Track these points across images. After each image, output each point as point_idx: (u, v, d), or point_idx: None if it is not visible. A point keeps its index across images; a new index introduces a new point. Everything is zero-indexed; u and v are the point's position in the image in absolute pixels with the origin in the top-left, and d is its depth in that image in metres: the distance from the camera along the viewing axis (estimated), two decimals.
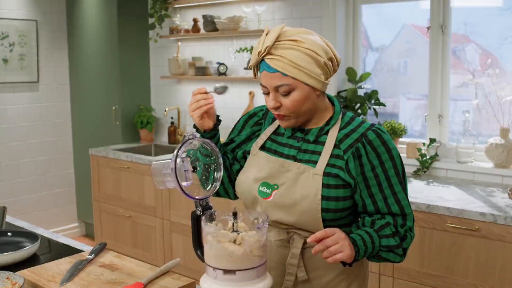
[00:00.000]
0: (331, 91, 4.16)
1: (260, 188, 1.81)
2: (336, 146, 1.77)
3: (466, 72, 3.87)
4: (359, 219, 1.79)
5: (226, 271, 1.53)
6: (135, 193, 4.71)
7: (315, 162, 1.76)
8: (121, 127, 5.36)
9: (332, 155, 1.75)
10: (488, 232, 2.84)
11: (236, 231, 1.54)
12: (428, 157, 3.73)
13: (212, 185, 1.73)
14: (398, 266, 3.16)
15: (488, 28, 3.74)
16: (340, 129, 1.79)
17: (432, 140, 3.75)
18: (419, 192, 3.28)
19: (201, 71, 4.88)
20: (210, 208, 1.69)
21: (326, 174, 1.73)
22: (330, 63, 1.73)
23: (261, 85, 1.75)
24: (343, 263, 1.74)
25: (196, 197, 1.67)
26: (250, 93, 4.66)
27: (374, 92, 4.04)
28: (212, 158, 1.75)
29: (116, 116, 5.36)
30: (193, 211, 1.70)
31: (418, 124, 4.18)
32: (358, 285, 1.88)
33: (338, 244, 1.59)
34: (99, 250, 2.07)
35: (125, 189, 4.79)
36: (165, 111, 5.10)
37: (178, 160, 1.62)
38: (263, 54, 1.69)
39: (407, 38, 4.30)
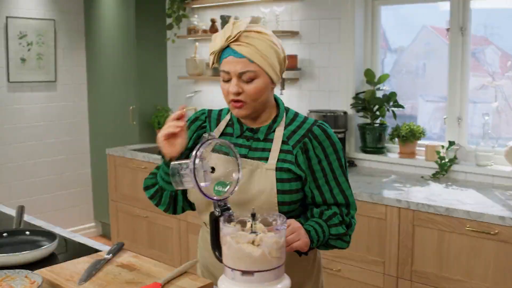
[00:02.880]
0: (350, 93, 4.14)
1: (216, 188, 1.82)
2: (284, 142, 1.86)
3: (485, 74, 3.83)
4: (308, 210, 1.90)
5: (244, 272, 1.52)
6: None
7: (266, 159, 1.84)
8: (138, 127, 5.37)
9: (282, 151, 1.85)
10: (507, 236, 2.81)
11: (255, 232, 1.54)
12: (447, 160, 3.69)
13: (231, 185, 1.73)
14: (416, 270, 3.13)
15: (508, 30, 3.70)
16: (286, 125, 1.90)
17: (451, 143, 3.71)
18: (437, 195, 3.25)
19: (219, 72, 4.86)
20: (229, 209, 1.68)
21: (278, 169, 1.83)
22: (284, 61, 1.86)
23: (222, 71, 1.84)
24: (299, 253, 1.82)
25: (215, 198, 1.66)
26: None
27: (393, 94, 4.01)
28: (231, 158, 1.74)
29: (133, 116, 5.37)
30: (212, 212, 1.69)
31: (436, 126, 4.15)
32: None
33: (294, 233, 1.70)
34: (117, 250, 2.07)
35: (142, 189, 4.79)
36: None
37: (197, 160, 1.62)
38: (233, 39, 1.77)
39: (426, 39, 4.27)
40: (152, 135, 5.48)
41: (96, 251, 2.19)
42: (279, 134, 1.87)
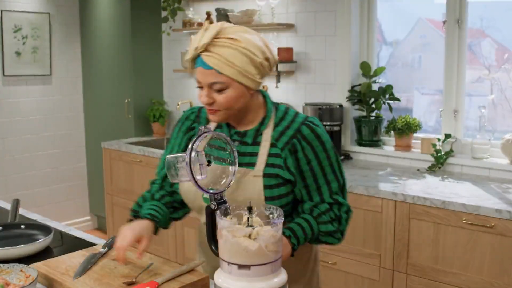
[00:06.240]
0: (346, 85, 4.13)
1: (204, 195, 1.80)
2: (273, 145, 1.82)
3: (481, 67, 3.83)
4: (299, 206, 1.88)
5: (240, 266, 1.51)
6: (147, 187, 4.69)
7: (254, 164, 1.80)
8: (133, 120, 5.36)
9: (270, 155, 1.81)
10: (504, 229, 2.81)
11: (251, 226, 1.53)
12: (443, 153, 3.69)
13: (227, 178, 1.72)
14: (412, 263, 3.14)
15: (505, 23, 3.70)
16: (275, 126, 1.84)
17: (448, 136, 3.71)
18: (433, 188, 3.25)
19: None
20: (225, 202, 1.67)
21: (266, 175, 1.79)
22: (266, 63, 1.77)
23: (196, 79, 1.77)
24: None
25: (211, 191, 1.66)
26: (263, 87, 4.63)
27: (389, 87, 4.01)
28: (227, 152, 1.73)
29: (128, 110, 5.36)
30: (208, 205, 1.69)
31: (432, 119, 4.15)
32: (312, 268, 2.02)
33: None
34: (112, 243, 2.06)
35: (138, 182, 4.79)
36: (178, 104, 5.09)
37: (193, 153, 1.61)
38: (200, 51, 1.72)
39: (421, 32, 4.26)
40: (148, 129, 5.47)
41: (92, 244, 2.19)
42: (267, 137, 1.82)
